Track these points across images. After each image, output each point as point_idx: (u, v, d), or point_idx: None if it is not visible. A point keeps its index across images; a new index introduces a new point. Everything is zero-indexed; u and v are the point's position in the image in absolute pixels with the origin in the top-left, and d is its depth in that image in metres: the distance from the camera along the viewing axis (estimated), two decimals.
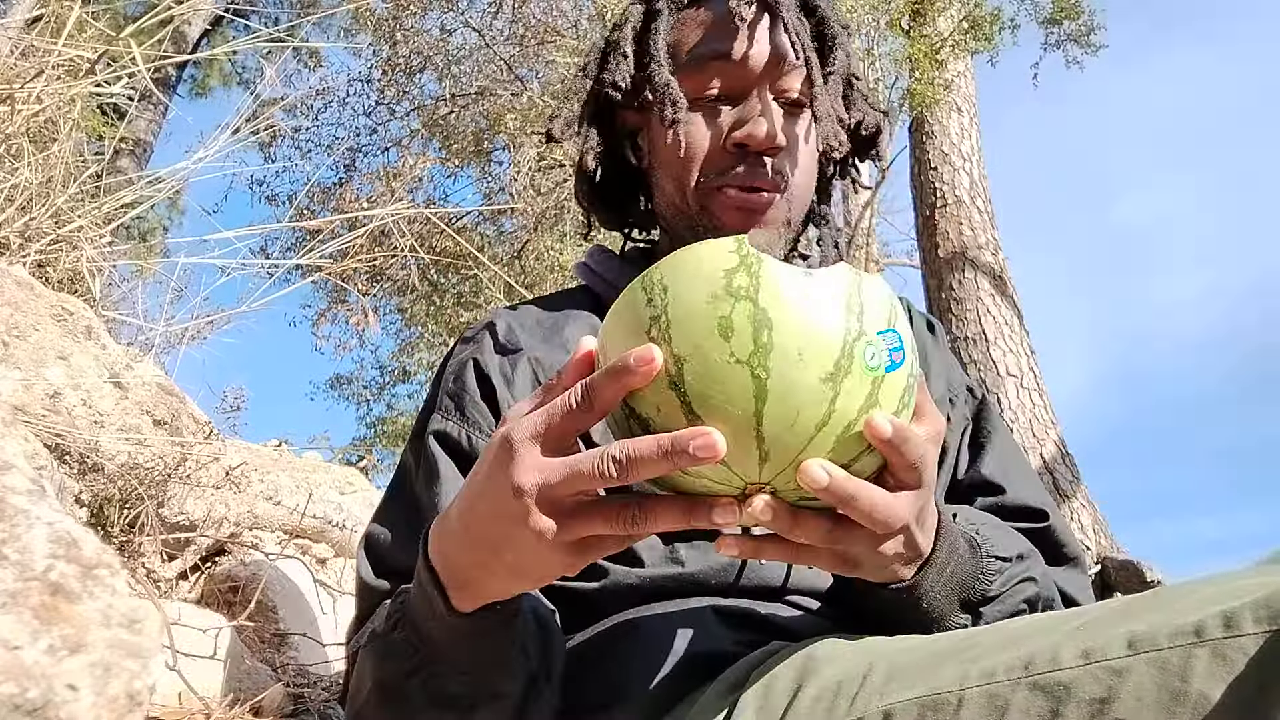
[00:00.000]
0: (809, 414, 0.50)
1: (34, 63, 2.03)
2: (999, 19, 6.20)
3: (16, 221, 1.78)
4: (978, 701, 0.53)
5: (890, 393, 0.53)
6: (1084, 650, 0.51)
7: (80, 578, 0.67)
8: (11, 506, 0.67)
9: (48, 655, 0.61)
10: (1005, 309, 5.77)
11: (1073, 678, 0.50)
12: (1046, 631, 0.55)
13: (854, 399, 0.51)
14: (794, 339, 0.50)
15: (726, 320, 0.50)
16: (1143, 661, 0.49)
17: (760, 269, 0.52)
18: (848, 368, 0.51)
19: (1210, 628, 0.48)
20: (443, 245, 5.48)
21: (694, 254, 0.54)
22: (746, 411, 0.50)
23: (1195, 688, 0.47)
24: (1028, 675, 0.52)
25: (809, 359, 0.50)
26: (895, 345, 0.53)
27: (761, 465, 0.52)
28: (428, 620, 0.64)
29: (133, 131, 6.55)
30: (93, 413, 1.40)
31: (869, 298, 0.53)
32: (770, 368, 0.50)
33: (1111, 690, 0.49)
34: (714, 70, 0.87)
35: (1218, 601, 0.49)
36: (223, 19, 7.91)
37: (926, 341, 0.99)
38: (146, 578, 1.44)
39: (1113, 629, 0.52)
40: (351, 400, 10.00)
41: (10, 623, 0.61)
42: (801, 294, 0.51)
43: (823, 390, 0.50)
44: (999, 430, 0.94)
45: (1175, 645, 0.48)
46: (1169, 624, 0.50)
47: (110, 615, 0.67)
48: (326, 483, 1.97)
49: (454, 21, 7.43)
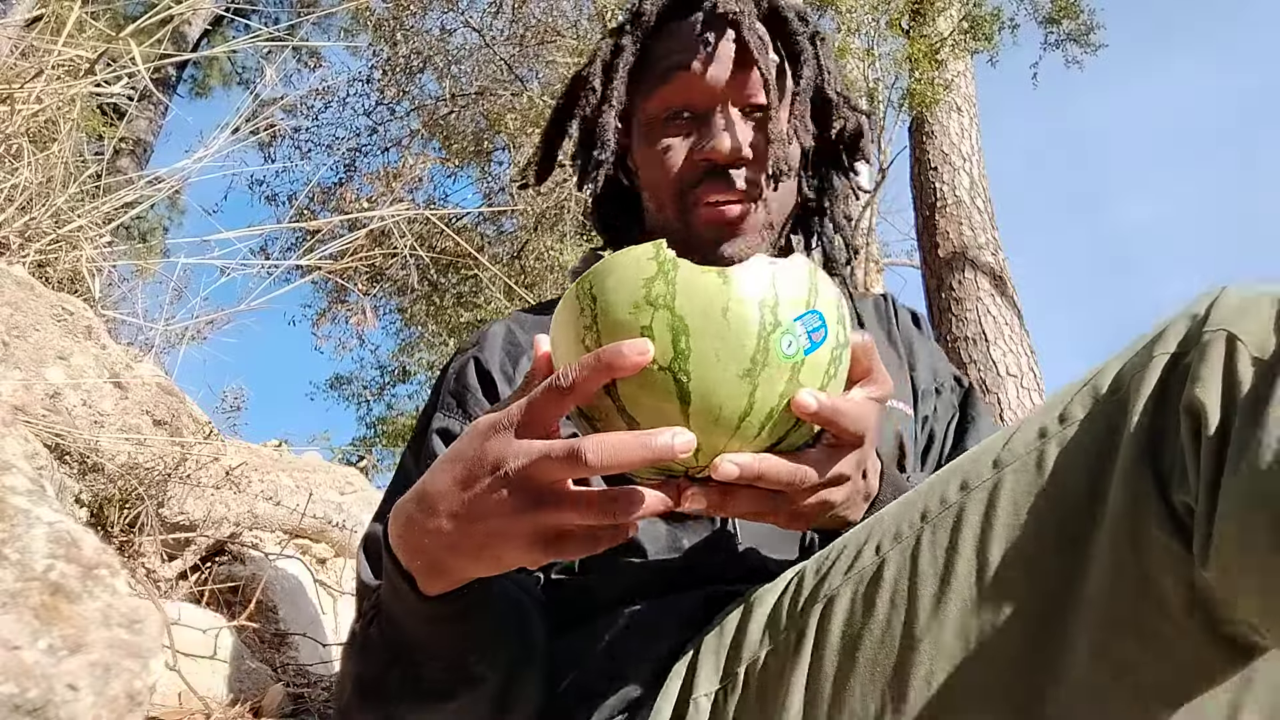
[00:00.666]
0: (731, 408, 0.55)
1: (34, 63, 2.03)
2: (999, 18, 6.20)
3: (16, 221, 1.78)
4: (895, 560, 0.61)
5: (812, 372, 0.58)
6: (961, 483, 0.60)
7: (80, 578, 0.67)
8: (11, 506, 0.67)
9: (48, 655, 0.61)
10: (1005, 309, 5.77)
11: (960, 507, 0.59)
12: (933, 484, 0.63)
13: (773, 387, 0.56)
14: (710, 342, 0.55)
15: (649, 330, 0.55)
16: (1009, 473, 0.57)
17: (676, 275, 0.56)
18: (764, 361, 0.55)
19: (1050, 426, 0.57)
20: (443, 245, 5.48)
21: (618, 262, 0.58)
22: (674, 412, 0.55)
23: (1049, 477, 0.55)
24: (926, 522, 0.60)
25: (725, 359, 0.55)
26: (815, 326, 0.58)
27: (696, 455, 0.56)
28: (400, 611, 0.65)
29: (133, 131, 6.55)
30: (93, 413, 1.40)
31: (784, 288, 0.57)
32: (691, 371, 0.54)
33: (989, 505, 0.57)
34: (678, 87, 0.89)
35: (1053, 406, 0.58)
36: (223, 19, 7.92)
37: (912, 335, 1.04)
38: (146, 578, 1.44)
39: (981, 459, 0.60)
40: (351, 400, 10.00)
41: (10, 623, 0.61)
42: (716, 297, 0.55)
43: (741, 385, 0.55)
44: (983, 416, 0.98)
45: (1030, 449, 0.57)
46: (1021, 438, 0.59)
47: (110, 615, 0.67)
48: (326, 483, 1.97)
49: (454, 21, 7.43)
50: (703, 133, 0.89)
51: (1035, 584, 0.55)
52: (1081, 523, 0.53)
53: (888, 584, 0.60)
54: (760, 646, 0.66)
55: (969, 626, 0.56)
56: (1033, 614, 0.54)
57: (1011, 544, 0.56)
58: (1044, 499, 0.55)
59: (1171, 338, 0.53)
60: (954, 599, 0.57)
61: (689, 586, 0.78)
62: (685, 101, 0.90)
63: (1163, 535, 0.49)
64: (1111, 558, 0.52)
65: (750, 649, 0.67)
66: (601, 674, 0.77)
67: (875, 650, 0.59)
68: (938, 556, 0.59)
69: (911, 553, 0.60)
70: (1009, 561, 0.56)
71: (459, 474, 0.56)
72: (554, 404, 0.54)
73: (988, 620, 0.56)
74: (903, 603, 0.59)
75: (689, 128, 0.90)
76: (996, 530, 0.57)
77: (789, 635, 0.65)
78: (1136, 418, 0.52)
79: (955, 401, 1.00)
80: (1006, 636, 0.55)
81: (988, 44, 6.18)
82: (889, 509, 0.66)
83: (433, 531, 0.58)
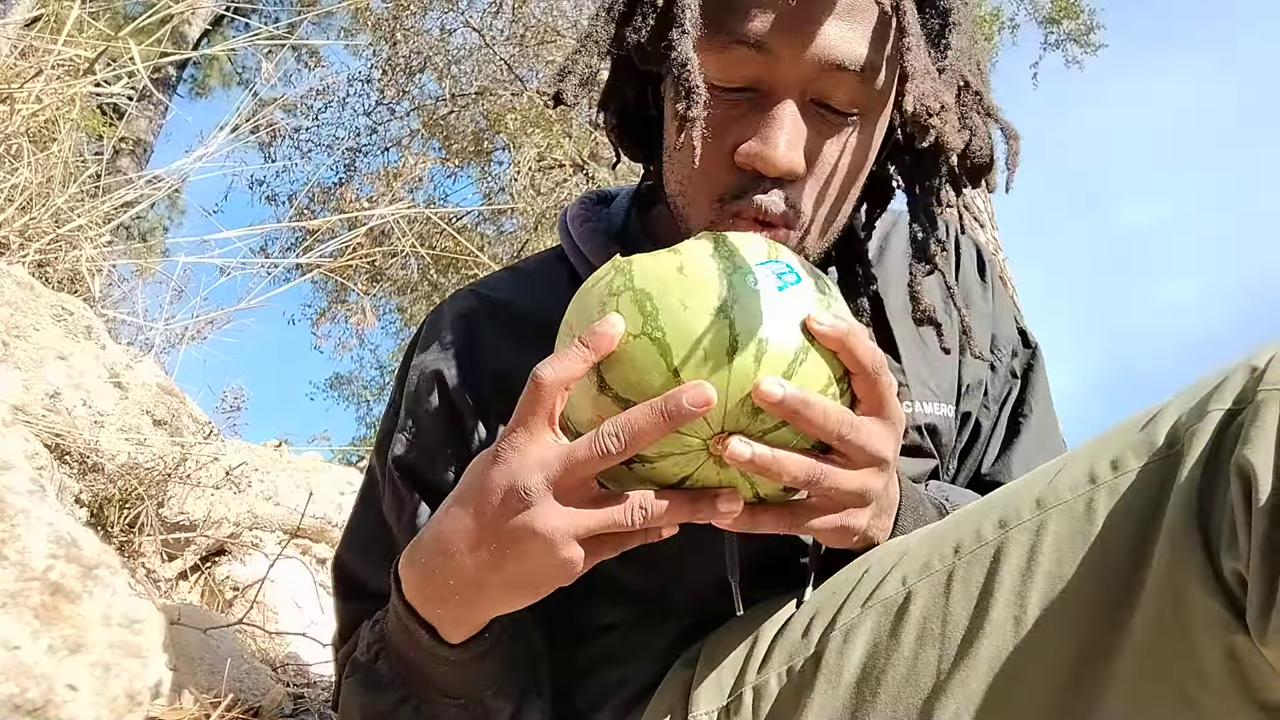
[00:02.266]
0: (714, 343, 0.53)
1: (34, 62, 2.03)
2: (998, 19, 6.19)
3: (16, 221, 1.78)
4: (924, 594, 0.58)
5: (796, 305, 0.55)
6: (1000, 520, 0.57)
7: (80, 578, 0.67)
8: (11, 506, 0.67)
9: (48, 655, 0.61)
10: None
11: (997, 545, 0.56)
12: (967, 516, 0.60)
13: (752, 316, 0.54)
14: (674, 297, 0.54)
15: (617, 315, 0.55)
16: (1054, 516, 0.55)
17: (631, 265, 0.57)
18: (733, 298, 0.54)
19: (1101, 472, 0.54)
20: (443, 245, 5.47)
21: (582, 290, 0.60)
22: (663, 373, 0.53)
23: (1099, 524, 0.53)
24: (959, 557, 0.57)
25: (693, 305, 0.54)
26: (783, 270, 0.56)
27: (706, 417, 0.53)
28: (418, 658, 0.65)
29: (133, 131, 6.54)
30: (93, 413, 1.40)
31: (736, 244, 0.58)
32: (663, 327, 0.53)
33: (1034, 546, 0.55)
34: (740, 57, 0.65)
35: (1105, 451, 0.55)
36: (223, 19, 7.91)
37: (974, 291, 0.88)
38: (146, 578, 1.44)
39: (1023, 496, 0.57)
40: (351, 400, 9.99)
41: (10, 623, 0.61)
42: (670, 263, 0.56)
43: (718, 322, 0.53)
44: (1040, 408, 0.87)
45: (1078, 494, 0.55)
46: (1068, 478, 0.56)
47: (110, 615, 0.67)
48: (326, 483, 1.97)
49: (454, 21, 7.42)
50: (754, 124, 0.66)
51: (1073, 635, 0.53)
52: (1126, 577, 0.51)
53: (914, 618, 0.58)
54: (768, 669, 0.64)
55: (1001, 672, 0.54)
56: (1068, 665, 0.53)
57: (1052, 591, 0.53)
58: (1090, 548, 0.53)
59: (1229, 392, 0.50)
60: (986, 642, 0.55)
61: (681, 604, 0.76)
62: (747, 77, 0.66)
63: (1206, 598, 0.47)
64: (1153, 616, 0.50)
65: (756, 670, 0.64)
66: (591, 688, 0.76)
67: (899, 687, 0.57)
68: (971, 595, 0.56)
69: (943, 588, 0.58)
70: (1048, 609, 0.53)
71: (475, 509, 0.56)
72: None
73: (1021, 667, 0.53)
74: (932, 640, 0.57)
75: (745, 109, 0.67)
76: (1037, 575, 0.54)
77: (802, 661, 0.62)
78: (1187, 475, 0.50)
79: (1018, 369, 0.89)
80: (1039, 686, 0.53)
81: (987, 44, 6.17)
82: (915, 537, 0.63)
83: (459, 575, 0.57)
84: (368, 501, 0.84)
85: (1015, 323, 0.91)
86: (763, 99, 0.66)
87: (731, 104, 0.67)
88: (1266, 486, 0.45)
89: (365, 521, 0.83)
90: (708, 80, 0.64)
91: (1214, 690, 0.48)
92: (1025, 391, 0.88)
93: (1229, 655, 0.47)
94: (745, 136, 0.66)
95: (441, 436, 0.78)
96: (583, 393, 0.56)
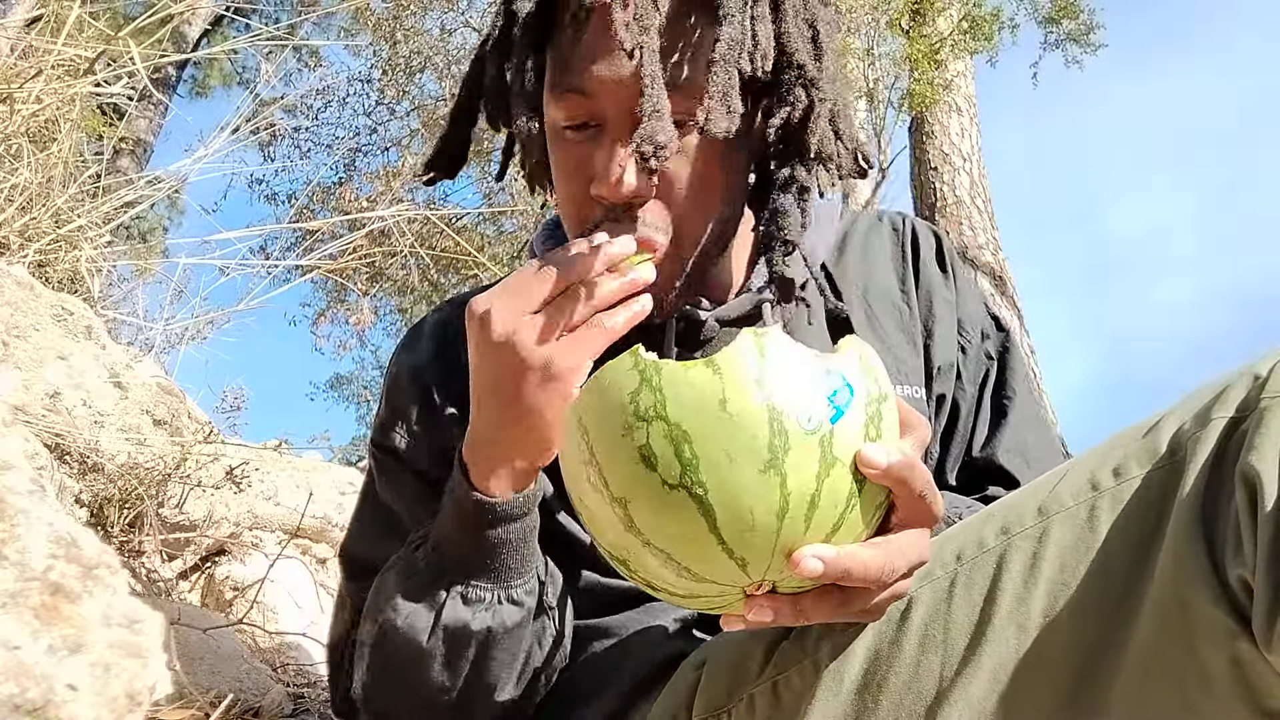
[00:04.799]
0: (763, 509, 0.48)
1: (34, 63, 2.03)
2: (998, 19, 6.19)
3: (16, 221, 1.78)
4: (926, 601, 0.58)
5: (848, 441, 0.49)
6: (1002, 527, 0.57)
7: (80, 578, 0.67)
8: (11, 506, 0.67)
9: (48, 655, 0.61)
10: (1005, 309, 5.77)
11: (1000, 552, 0.56)
12: (970, 524, 0.60)
13: (804, 472, 0.48)
14: (717, 443, 0.48)
15: (646, 449, 0.48)
16: (1056, 523, 0.55)
17: (661, 380, 0.49)
18: (784, 445, 0.48)
19: (1104, 480, 0.55)
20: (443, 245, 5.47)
21: (599, 383, 0.52)
22: (701, 530, 0.48)
23: (1101, 531, 0.53)
24: (961, 564, 0.57)
25: (739, 456, 0.48)
26: (835, 389, 0.50)
27: (744, 569, 0.50)
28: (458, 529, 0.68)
29: (133, 131, 6.54)
30: (93, 413, 1.40)
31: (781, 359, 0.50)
32: (704, 482, 0.48)
33: (1036, 553, 0.55)
34: (572, 103, 0.70)
35: (1107, 458, 0.56)
36: (223, 19, 7.91)
37: (933, 282, 0.87)
38: (146, 578, 1.44)
39: (1025, 503, 0.57)
40: (351, 400, 9.98)
41: (10, 623, 0.61)
42: (708, 390, 0.49)
43: (767, 481, 0.48)
44: (1022, 389, 0.87)
45: (1080, 501, 0.55)
46: (1070, 486, 0.56)
47: (110, 615, 0.67)
48: (326, 483, 1.97)
49: (454, 21, 7.42)
50: (598, 158, 0.70)
51: (1075, 642, 0.53)
52: (1128, 584, 0.51)
53: (916, 625, 0.58)
54: (770, 671, 0.64)
55: (1004, 679, 0.54)
56: (1071, 672, 0.53)
57: (1054, 598, 0.53)
58: (1092, 555, 0.53)
59: (1232, 399, 0.51)
60: (989, 649, 0.55)
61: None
62: (583, 116, 0.71)
63: (1210, 605, 0.47)
64: (1156, 622, 0.50)
65: (756, 672, 0.64)
66: (589, 677, 0.76)
67: (901, 694, 0.57)
68: (974, 603, 0.56)
69: (946, 595, 0.57)
70: (1050, 615, 0.53)
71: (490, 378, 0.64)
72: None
73: (1024, 675, 0.54)
74: (934, 647, 0.57)
75: (591, 148, 0.71)
76: (1040, 582, 0.54)
77: (802, 664, 0.62)
78: (1192, 482, 0.50)
79: (992, 350, 0.87)
80: (1042, 693, 0.53)
81: (987, 44, 6.17)
82: None
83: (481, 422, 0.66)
84: (368, 495, 0.87)
85: (985, 307, 0.90)
86: (600, 134, 0.71)
87: (580, 144, 0.72)
88: (1272, 493, 0.45)
89: (369, 512, 0.86)
90: (559, 126, 0.72)
91: (1217, 697, 0.48)
92: (1004, 374, 0.87)
93: (1233, 662, 0.47)
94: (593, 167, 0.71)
95: (422, 424, 0.82)
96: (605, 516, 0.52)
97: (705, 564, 0.50)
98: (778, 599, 0.53)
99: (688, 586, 0.52)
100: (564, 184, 0.74)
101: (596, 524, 0.54)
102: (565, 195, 0.74)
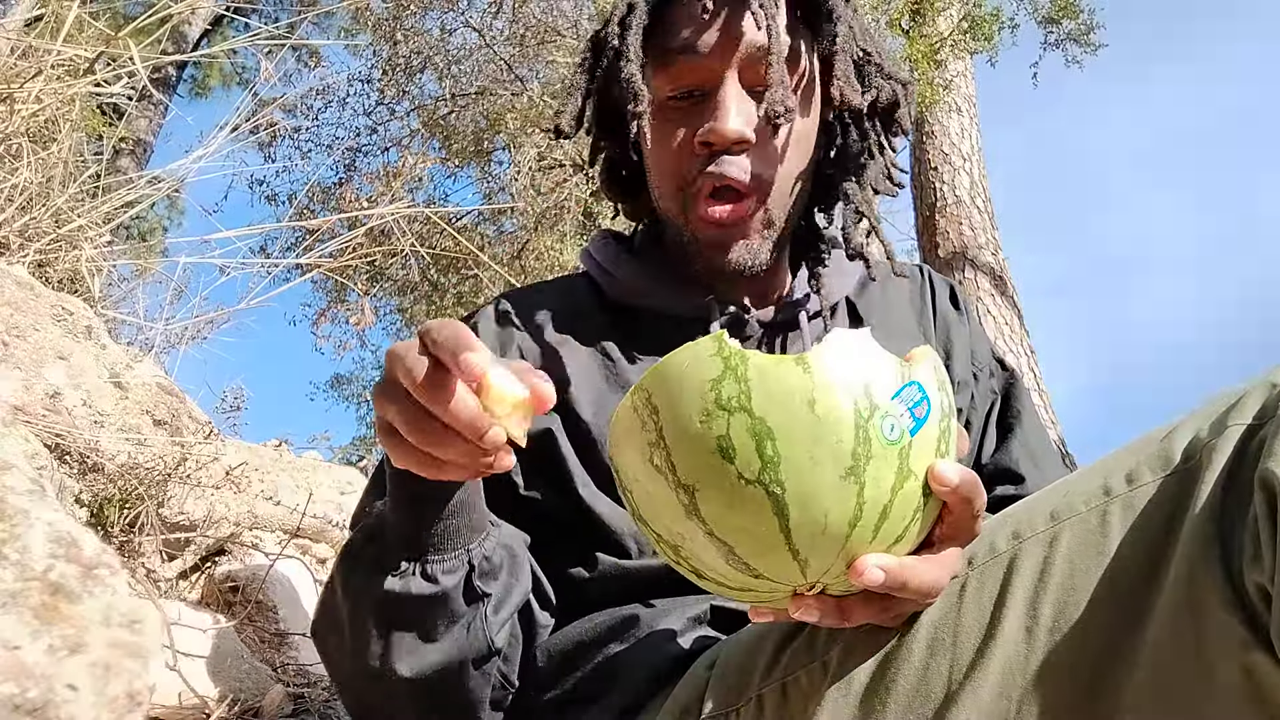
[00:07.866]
0: (838, 514, 0.48)
1: (33, 63, 2.03)
2: (998, 18, 6.19)
3: (16, 221, 1.78)
4: (937, 605, 0.58)
5: (922, 454, 0.50)
6: (1013, 532, 0.57)
7: (80, 578, 0.67)
8: (11, 506, 0.67)
9: (48, 655, 0.61)
10: (1005, 309, 5.77)
11: (1010, 556, 0.56)
12: (982, 530, 0.59)
13: (883, 482, 0.48)
14: (801, 444, 0.47)
15: (725, 440, 0.47)
16: (1067, 528, 0.55)
17: (747, 370, 0.48)
18: (866, 454, 0.47)
19: (1116, 485, 0.55)
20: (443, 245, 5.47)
21: (676, 364, 0.50)
22: (772, 529, 0.48)
23: (1113, 536, 0.53)
24: (972, 568, 0.57)
25: (822, 459, 0.47)
26: (916, 400, 0.49)
27: (803, 570, 0.50)
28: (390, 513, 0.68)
29: (133, 131, 6.55)
30: (93, 413, 1.40)
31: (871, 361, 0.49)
32: (783, 481, 0.47)
33: (1047, 558, 0.55)
34: (681, 65, 0.83)
35: (1120, 465, 0.56)
36: (223, 19, 7.91)
37: (950, 319, 0.96)
38: (146, 578, 1.44)
39: (1036, 508, 0.58)
40: (351, 400, 9.99)
41: (10, 623, 0.61)
42: (797, 387, 0.47)
43: (846, 488, 0.47)
44: (1028, 411, 0.92)
45: (1091, 507, 0.55)
46: (1082, 491, 0.56)
47: (110, 615, 0.67)
48: (326, 483, 1.97)
49: (454, 21, 7.42)
50: (705, 114, 0.82)
51: (1085, 648, 0.52)
52: (1140, 591, 0.51)
53: (925, 628, 0.58)
54: (779, 672, 0.63)
55: (1013, 685, 0.54)
56: (1080, 679, 0.52)
57: (1065, 604, 0.53)
58: (1103, 561, 0.53)
59: (1249, 407, 0.50)
60: (998, 653, 0.54)
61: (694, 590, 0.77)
62: (691, 82, 0.83)
63: (1224, 613, 0.47)
64: (1168, 630, 0.49)
65: (765, 672, 0.64)
66: (599, 676, 0.76)
67: (910, 697, 0.57)
68: (983, 605, 0.56)
69: (955, 598, 0.57)
70: (1061, 620, 0.53)
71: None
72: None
73: (1033, 680, 0.53)
74: (943, 650, 0.56)
75: (696, 107, 0.83)
76: (1050, 587, 0.54)
77: (811, 666, 0.62)
78: (1208, 489, 0.50)
79: (997, 387, 0.94)
80: (1051, 698, 0.53)
81: (987, 44, 6.17)
82: None
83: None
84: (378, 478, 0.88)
85: (991, 351, 0.97)
86: (704, 100, 0.83)
87: (684, 109, 0.84)
88: None
89: (372, 497, 0.87)
90: (661, 95, 0.84)
91: (1228, 707, 0.48)
92: (1011, 402, 0.94)
93: (1245, 672, 0.47)
94: (700, 126, 0.82)
95: None
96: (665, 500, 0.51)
97: (765, 561, 0.50)
98: (825, 600, 0.53)
99: (741, 580, 0.51)
100: (665, 147, 0.85)
101: (652, 506, 0.52)
102: (665, 156, 0.85)
